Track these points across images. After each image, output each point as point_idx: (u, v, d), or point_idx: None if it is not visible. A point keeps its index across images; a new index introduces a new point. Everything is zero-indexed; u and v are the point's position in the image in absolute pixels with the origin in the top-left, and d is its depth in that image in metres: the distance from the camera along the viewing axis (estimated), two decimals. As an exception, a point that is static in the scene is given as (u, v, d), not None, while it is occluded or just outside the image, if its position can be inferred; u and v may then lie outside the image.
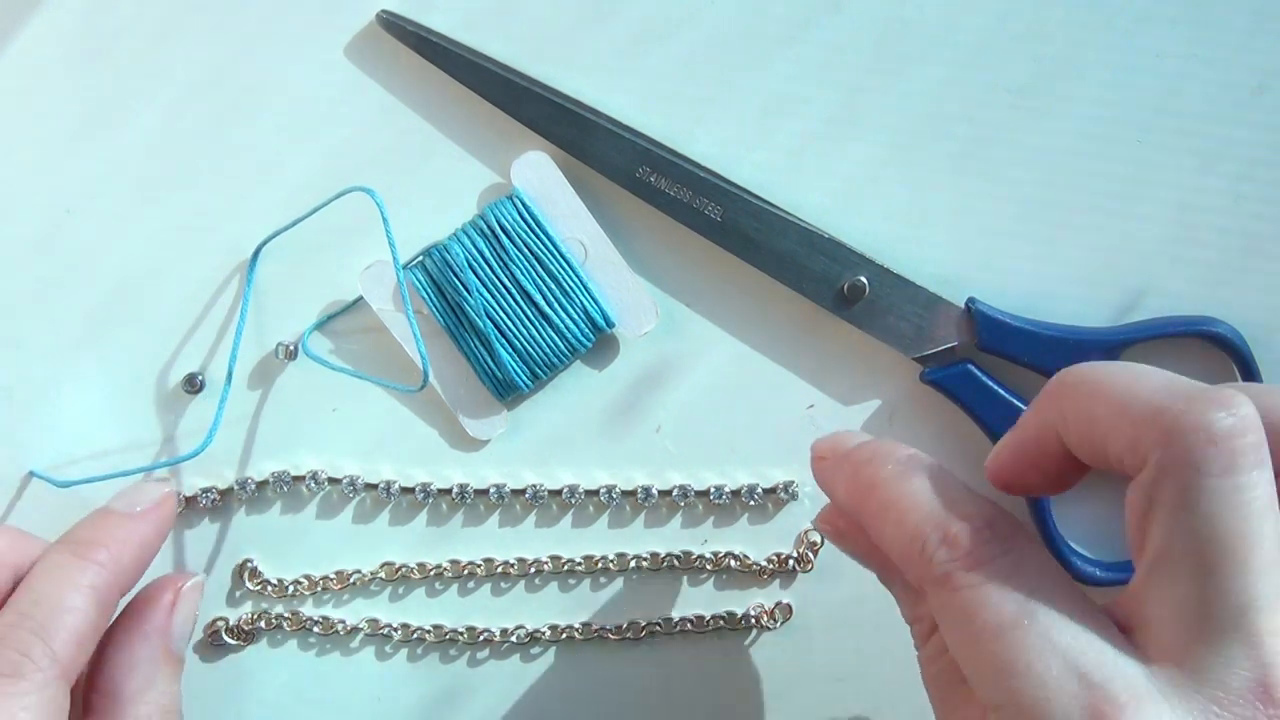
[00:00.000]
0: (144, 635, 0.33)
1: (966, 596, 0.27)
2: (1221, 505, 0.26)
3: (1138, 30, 0.36)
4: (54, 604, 0.30)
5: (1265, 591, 0.26)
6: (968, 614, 0.27)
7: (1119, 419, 0.28)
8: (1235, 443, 0.26)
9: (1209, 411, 0.26)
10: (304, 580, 0.37)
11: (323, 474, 0.37)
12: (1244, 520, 0.26)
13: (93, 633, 0.31)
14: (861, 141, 0.37)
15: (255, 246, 0.36)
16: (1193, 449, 0.26)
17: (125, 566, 0.32)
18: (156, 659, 0.33)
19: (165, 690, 0.33)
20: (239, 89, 0.36)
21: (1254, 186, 0.37)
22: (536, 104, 0.36)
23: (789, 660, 0.38)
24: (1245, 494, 0.26)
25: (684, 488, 0.37)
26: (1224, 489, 0.26)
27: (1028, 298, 0.37)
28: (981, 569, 0.27)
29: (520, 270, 0.36)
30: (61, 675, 0.30)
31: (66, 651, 0.30)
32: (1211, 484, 0.26)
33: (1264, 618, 0.26)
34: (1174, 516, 0.26)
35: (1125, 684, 0.25)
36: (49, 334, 0.37)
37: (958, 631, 0.27)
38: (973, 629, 0.27)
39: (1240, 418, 0.26)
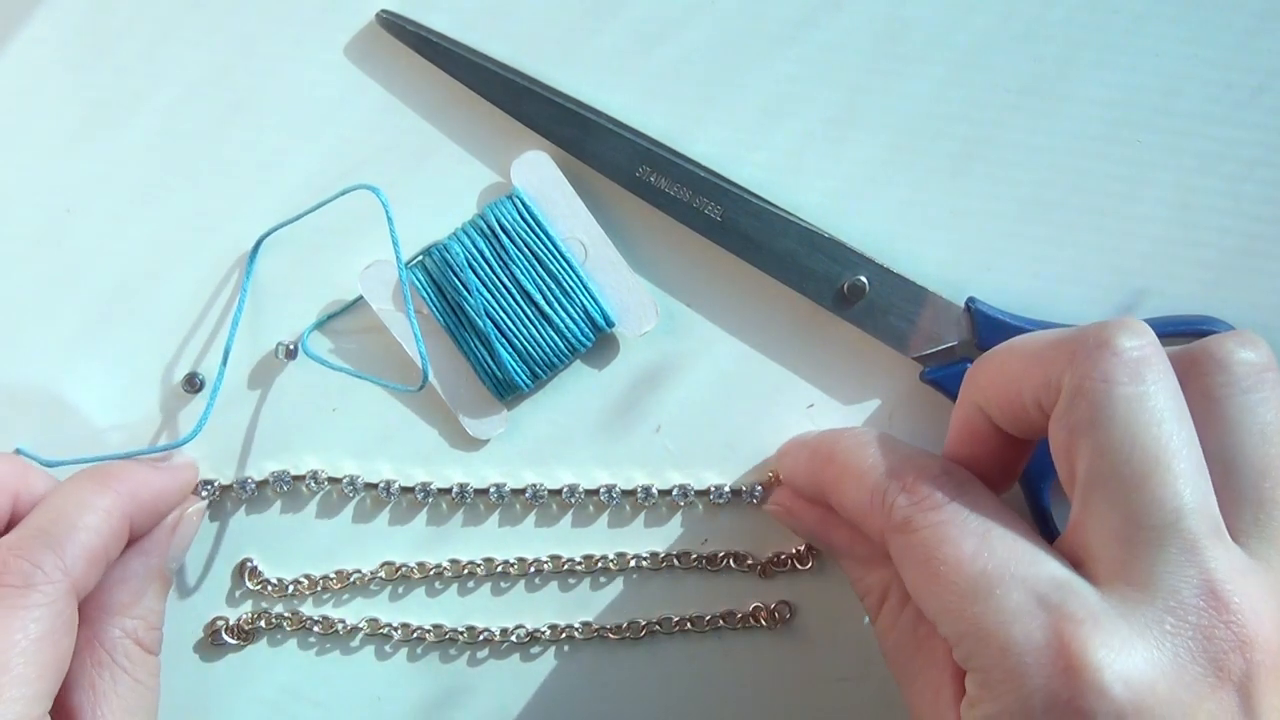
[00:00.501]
0: (142, 551, 0.33)
1: (927, 534, 0.28)
2: (1135, 413, 0.27)
3: (1137, 30, 0.36)
4: (69, 521, 0.31)
5: (1192, 495, 0.26)
6: (929, 551, 0.28)
7: (1030, 363, 0.29)
8: (1138, 353, 0.27)
9: (1107, 330, 0.28)
10: (304, 580, 0.37)
11: (322, 474, 0.37)
12: (1159, 425, 0.27)
13: (104, 552, 0.31)
14: (861, 141, 0.37)
15: (255, 240, 0.36)
16: (1099, 363, 0.27)
17: (142, 503, 0.33)
18: (151, 575, 0.33)
19: (152, 607, 0.34)
20: (239, 89, 0.36)
21: (1254, 186, 0.37)
22: (536, 104, 0.36)
23: (789, 660, 0.38)
24: (1156, 400, 0.27)
25: (684, 487, 0.37)
26: (1135, 396, 0.27)
27: (1028, 298, 0.37)
28: (941, 509, 0.29)
29: (520, 270, 0.36)
30: (71, 589, 0.30)
31: (78, 566, 0.30)
32: (1122, 393, 0.27)
33: (1196, 521, 0.26)
34: (1092, 435, 0.27)
35: (1081, 603, 0.26)
36: (49, 333, 0.37)
37: (919, 570, 0.28)
38: (934, 565, 0.28)
39: (1139, 333, 0.28)
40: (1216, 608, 0.26)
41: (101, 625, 0.32)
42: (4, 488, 0.33)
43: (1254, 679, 0.25)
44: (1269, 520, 0.28)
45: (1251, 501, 0.28)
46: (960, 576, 0.27)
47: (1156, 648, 0.25)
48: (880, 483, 0.30)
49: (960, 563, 0.27)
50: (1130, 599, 0.26)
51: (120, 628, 0.33)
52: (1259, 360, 0.28)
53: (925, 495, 0.29)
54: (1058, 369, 0.28)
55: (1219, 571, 0.26)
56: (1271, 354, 0.29)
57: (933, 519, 0.29)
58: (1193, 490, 0.26)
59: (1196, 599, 0.26)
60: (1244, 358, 0.28)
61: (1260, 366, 0.28)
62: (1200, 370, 0.28)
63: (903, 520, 0.29)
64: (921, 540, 0.28)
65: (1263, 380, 0.28)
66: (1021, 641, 0.26)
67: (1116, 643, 0.25)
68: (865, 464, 0.31)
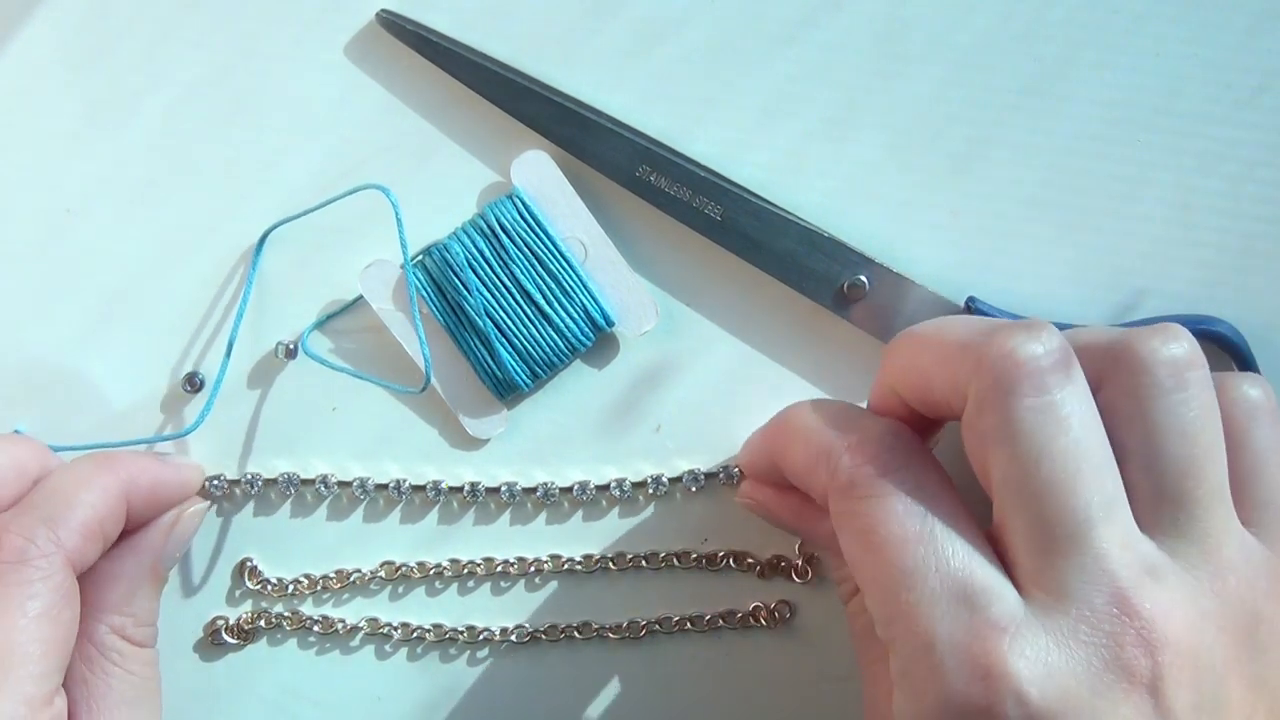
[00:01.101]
0: (135, 550, 0.33)
1: (871, 506, 0.28)
2: (1041, 424, 0.27)
3: (1137, 30, 0.36)
4: (65, 497, 0.31)
5: (1101, 503, 0.27)
6: (871, 523, 0.28)
7: (938, 363, 0.29)
8: (1041, 363, 0.27)
9: (1012, 339, 0.27)
10: (304, 579, 0.37)
11: (332, 478, 0.37)
12: (1066, 435, 0.27)
13: (99, 529, 0.31)
14: (862, 141, 0.37)
15: (262, 233, 0.36)
16: (1001, 375, 0.27)
17: (141, 486, 0.33)
18: (143, 574, 0.33)
19: (143, 605, 0.33)
20: (239, 89, 0.37)
21: (1254, 186, 0.37)
22: (536, 103, 0.36)
23: (789, 660, 0.38)
24: (1061, 410, 0.27)
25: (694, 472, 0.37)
26: (1039, 407, 0.27)
27: (1028, 298, 0.37)
28: (886, 478, 0.28)
29: (520, 269, 0.36)
30: (67, 562, 0.30)
31: (72, 539, 0.30)
32: (1026, 404, 0.27)
33: (1102, 530, 0.27)
34: (1000, 446, 0.27)
35: (1006, 610, 0.26)
36: (49, 333, 0.37)
37: (858, 541, 0.28)
38: (874, 539, 0.27)
39: (1043, 339, 0.27)
40: (1127, 614, 0.26)
41: (90, 622, 0.32)
42: (25, 472, 0.33)
43: (1163, 679, 0.26)
44: (1189, 520, 0.28)
45: (1171, 501, 0.28)
46: (899, 557, 0.27)
47: (1071, 657, 0.26)
48: (826, 442, 0.29)
49: (903, 543, 0.27)
50: (1047, 607, 0.26)
51: (109, 624, 0.33)
52: (1182, 358, 0.28)
53: (871, 458, 0.28)
54: (964, 374, 0.28)
55: (1128, 579, 0.26)
56: (1196, 349, 0.28)
57: (877, 488, 0.28)
58: (1101, 498, 0.27)
59: (1107, 607, 0.26)
60: (1166, 357, 0.28)
61: (1183, 365, 0.28)
62: (1122, 369, 0.28)
63: (846, 482, 0.28)
64: (865, 509, 0.28)
65: (1185, 380, 0.28)
66: (945, 640, 0.26)
67: (1033, 652, 0.26)
68: (812, 423, 0.31)
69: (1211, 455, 0.28)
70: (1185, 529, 0.28)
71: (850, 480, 0.28)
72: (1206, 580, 0.27)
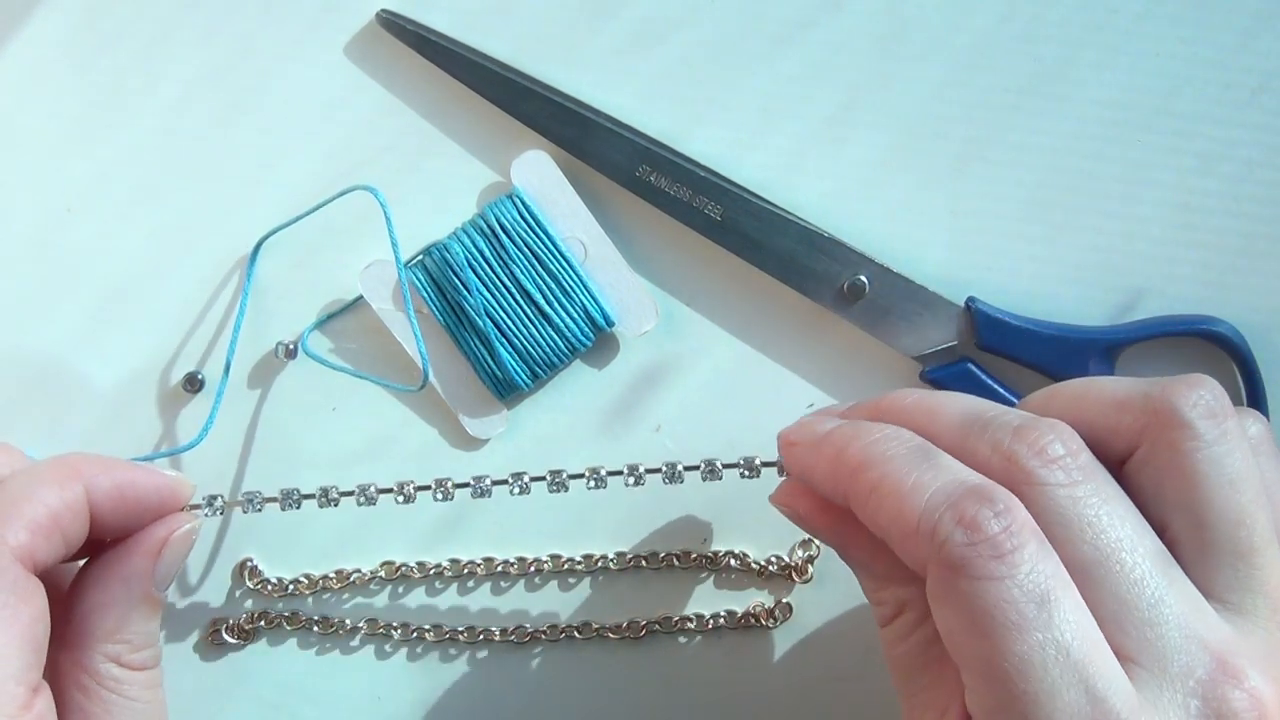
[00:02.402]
0: (123, 579, 0.32)
1: (984, 588, 0.26)
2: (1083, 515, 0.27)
3: (1137, 30, 0.36)
4: (14, 495, 0.30)
5: (1162, 578, 0.26)
6: (985, 607, 0.26)
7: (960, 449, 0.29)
8: (1067, 460, 0.27)
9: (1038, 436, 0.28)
10: (304, 579, 0.37)
11: (334, 490, 0.36)
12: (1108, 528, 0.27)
13: (54, 524, 0.30)
14: (861, 141, 0.37)
15: (255, 243, 0.36)
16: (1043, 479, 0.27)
17: (105, 487, 0.31)
18: (134, 601, 0.32)
19: (139, 630, 0.32)
20: (239, 88, 0.37)
21: (1254, 186, 0.37)
22: (536, 103, 0.36)
23: (789, 660, 0.38)
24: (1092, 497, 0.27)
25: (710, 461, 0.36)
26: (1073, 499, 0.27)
27: (1028, 297, 0.37)
28: (1003, 559, 0.26)
29: (520, 269, 0.36)
30: (16, 558, 0.29)
31: (19, 536, 0.29)
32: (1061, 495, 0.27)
33: (1171, 599, 0.26)
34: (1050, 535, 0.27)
35: (1124, 699, 0.25)
36: (49, 333, 0.37)
37: (966, 621, 0.26)
38: (988, 624, 0.26)
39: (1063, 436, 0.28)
40: (1232, 676, 0.26)
41: (84, 651, 0.31)
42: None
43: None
44: (1249, 571, 0.27)
45: (1229, 553, 0.27)
46: (1015, 645, 0.25)
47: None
48: (933, 506, 0.27)
49: (1020, 630, 0.25)
50: (1152, 684, 0.26)
51: (103, 653, 0.32)
52: (1218, 408, 0.28)
53: (988, 538, 0.26)
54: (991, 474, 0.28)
55: (1218, 641, 0.26)
56: (1226, 397, 0.28)
57: (995, 570, 0.26)
58: (1158, 567, 0.27)
59: (1210, 673, 0.26)
60: (1205, 410, 0.28)
61: (1221, 415, 0.28)
62: (1161, 423, 0.28)
63: (958, 560, 0.26)
64: (978, 590, 0.26)
65: (1225, 431, 0.28)
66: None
67: None
68: (909, 482, 0.28)
69: (1258, 501, 0.28)
70: (1247, 581, 0.27)
71: (962, 559, 0.26)
72: (1277, 631, 0.27)
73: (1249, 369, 0.36)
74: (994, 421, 0.28)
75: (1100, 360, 0.35)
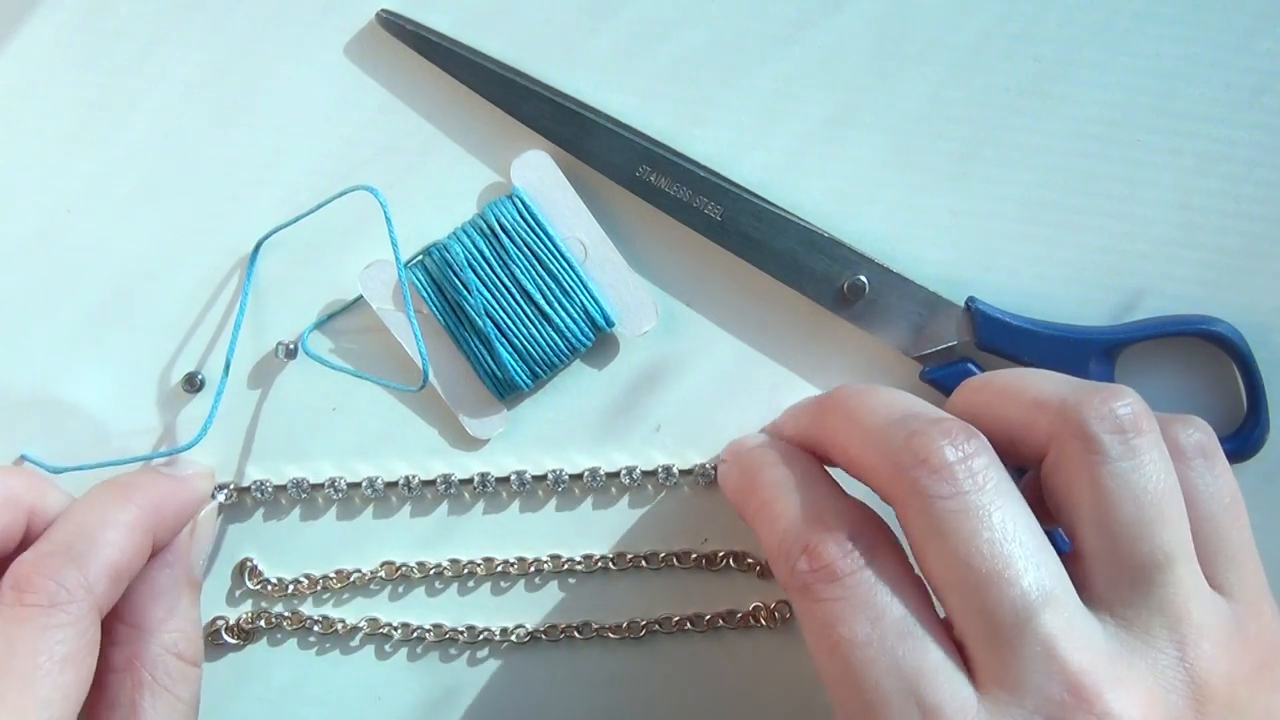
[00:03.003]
0: (165, 564, 0.33)
1: (823, 609, 0.28)
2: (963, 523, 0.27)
3: (1137, 30, 0.36)
4: (92, 537, 0.30)
5: (1039, 589, 0.27)
6: (824, 626, 0.28)
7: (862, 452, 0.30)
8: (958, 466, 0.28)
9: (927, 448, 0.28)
10: (304, 579, 0.37)
11: (341, 481, 0.37)
12: (990, 529, 0.27)
13: (127, 569, 0.31)
14: (861, 141, 0.37)
15: (255, 242, 0.36)
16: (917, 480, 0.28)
17: (164, 517, 0.32)
18: (179, 586, 0.33)
19: (187, 615, 0.33)
20: (239, 88, 0.37)
21: (1254, 187, 0.37)
22: (536, 103, 0.36)
23: (789, 660, 0.38)
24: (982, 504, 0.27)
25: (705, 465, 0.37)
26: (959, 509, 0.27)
27: (1028, 297, 0.37)
28: (841, 581, 0.28)
29: (520, 269, 0.36)
30: (95, 607, 0.30)
31: (101, 584, 0.30)
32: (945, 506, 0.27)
33: (1049, 614, 0.26)
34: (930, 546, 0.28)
35: (958, 709, 0.26)
36: (49, 333, 0.37)
37: (814, 640, 0.28)
38: (828, 641, 0.28)
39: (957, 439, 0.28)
40: (1085, 700, 0.26)
41: (141, 645, 0.32)
42: (19, 503, 0.32)
43: None
44: (1149, 586, 0.27)
45: (1128, 568, 0.27)
46: (851, 659, 0.27)
47: None
48: (787, 537, 0.29)
49: (853, 645, 0.27)
50: (1002, 702, 0.26)
51: (160, 644, 0.32)
52: (1129, 421, 0.28)
53: (825, 564, 0.28)
54: (885, 474, 0.29)
55: (1082, 663, 0.26)
56: (1143, 409, 0.28)
57: (830, 593, 0.28)
58: (1039, 584, 0.27)
59: (1063, 695, 0.26)
60: (1113, 423, 0.28)
61: (1130, 429, 0.28)
62: (1070, 433, 0.28)
63: (802, 585, 0.29)
64: (819, 611, 0.28)
65: (1133, 446, 0.28)
66: None
67: None
68: (778, 508, 0.31)
69: (1166, 517, 0.28)
70: (1147, 598, 0.27)
71: (805, 584, 0.29)
72: (1172, 650, 0.27)
73: (1249, 369, 0.36)
74: (897, 425, 0.29)
75: (1100, 360, 0.35)
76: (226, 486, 0.37)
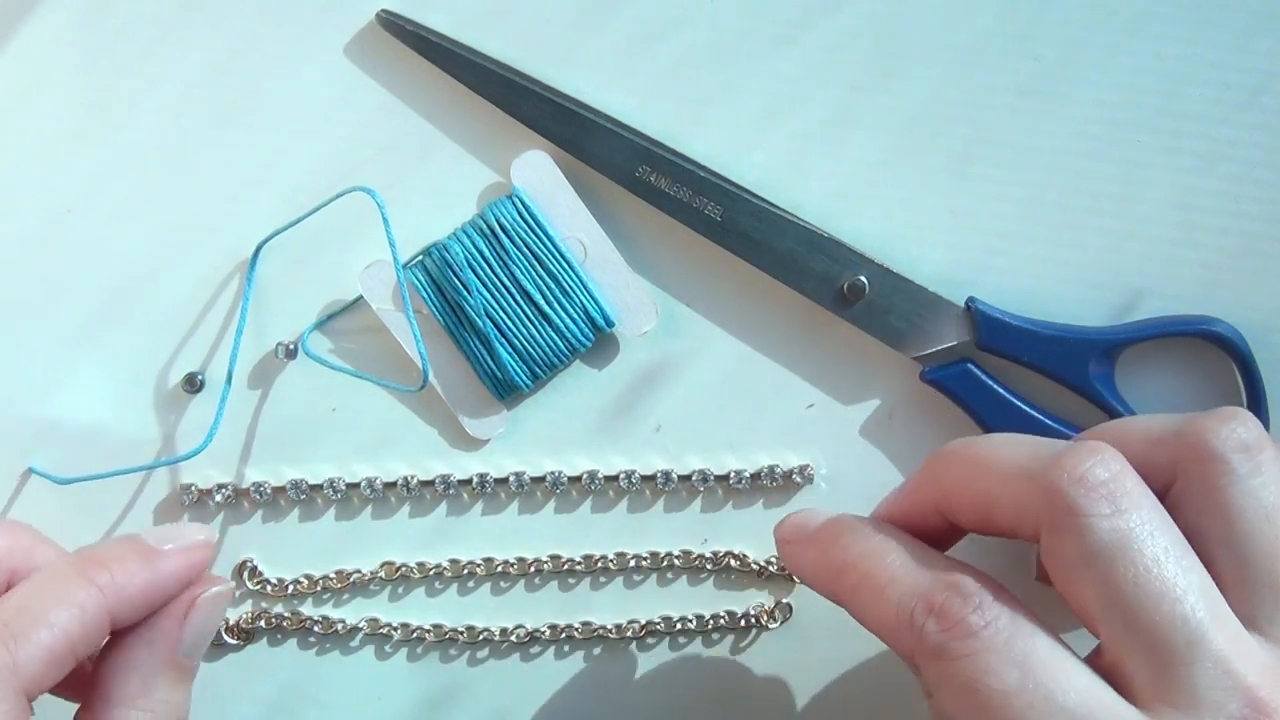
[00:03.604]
0: (146, 641, 0.31)
1: (965, 666, 0.27)
2: (1124, 543, 0.27)
3: (1137, 30, 0.36)
4: (34, 616, 0.29)
5: (1207, 606, 0.26)
6: (969, 684, 0.27)
7: (1002, 489, 0.29)
8: (1111, 485, 0.27)
9: (1080, 464, 0.27)
10: (304, 580, 0.37)
11: (340, 481, 0.37)
12: (1151, 545, 0.27)
13: (69, 650, 0.29)
14: (861, 141, 0.37)
15: (255, 246, 0.36)
16: (1075, 500, 0.27)
17: (128, 597, 0.30)
18: (156, 665, 0.31)
19: (165, 698, 0.31)
20: (239, 88, 0.36)
21: (1254, 187, 0.37)
22: (536, 103, 0.36)
23: (789, 660, 0.38)
24: (1142, 525, 0.27)
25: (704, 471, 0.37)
26: (1118, 528, 0.27)
27: (1028, 297, 0.37)
28: (976, 636, 0.27)
29: (520, 270, 0.36)
30: (21, 689, 0.28)
31: (31, 668, 0.28)
32: (1105, 526, 0.27)
33: (1218, 630, 0.26)
34: (1089, 571, 0.27)
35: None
36: (49, 334, 0.37)
37: (960, 699, 0.27)
38: (977, 699, 0.27)
39: (1106, 462, 0.27)
40: (1264, 713, 0.25)
41: (107, 715, 0.30)
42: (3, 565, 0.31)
43: None
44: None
45: (1267, 586, 0.27)
46: (1009, 713, 0.26)
47: None
48: (905, 602, 0.28)
49: (1007, 697, 0.26)
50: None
51: (125, 719, 0.30)
52: (1253, 441, 0.28)
53: (958, 621, 0.27)
54: (1032, 504, 0.28)
55: (1253, 676, 0.26)
56: (1262, 429, 0.28)
57: (970, 647, 0.27)
58: (1205, 601, 0.26)
59: (1243, 710, 0.26)
60: (1238, 443, 0.28)
61: (1255, 448, 0.28)
62: (1194, 459, 0.28)
63: (936, 647, 0.27)
64: (961, 670, 0.27)
65: (1260, 463, 0.28)
66: None
67: None
68: (884, 577, 0.29)
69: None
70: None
71: (940, 645, 0.27)
72: None
73: (1249, 369, 0.36)
74: (1035, 452, 0.29)
75: (1100, 360, 0.35)
76: (226, 487, 0.37)
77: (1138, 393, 0.37)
